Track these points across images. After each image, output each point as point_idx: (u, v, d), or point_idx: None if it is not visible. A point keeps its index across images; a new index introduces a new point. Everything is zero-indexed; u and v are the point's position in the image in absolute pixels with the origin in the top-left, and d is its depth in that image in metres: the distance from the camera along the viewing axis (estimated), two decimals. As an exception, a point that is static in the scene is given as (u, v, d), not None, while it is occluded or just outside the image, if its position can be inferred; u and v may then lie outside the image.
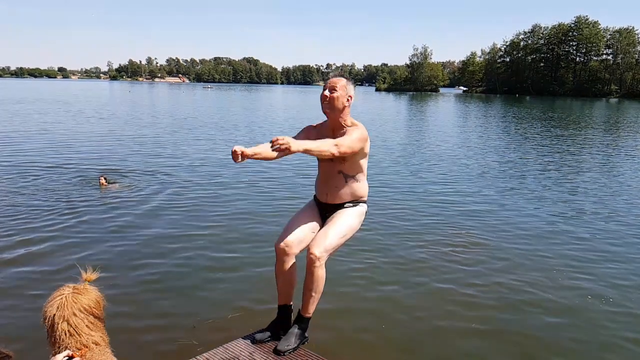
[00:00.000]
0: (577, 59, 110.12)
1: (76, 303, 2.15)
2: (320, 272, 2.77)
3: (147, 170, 11.86)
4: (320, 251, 2.81)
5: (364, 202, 3.13)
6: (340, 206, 3.14)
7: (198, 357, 3.68)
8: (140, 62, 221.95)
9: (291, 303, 3.10)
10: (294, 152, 2.47)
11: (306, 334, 2.99)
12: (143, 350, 4.14)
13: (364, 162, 3.08)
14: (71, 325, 2.10)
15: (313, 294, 2.75)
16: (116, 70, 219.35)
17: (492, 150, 17.83)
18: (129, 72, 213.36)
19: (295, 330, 3.00)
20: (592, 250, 6.86)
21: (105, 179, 10.02)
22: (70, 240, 6.66)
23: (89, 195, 9.23)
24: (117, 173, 11.39)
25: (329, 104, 2.89)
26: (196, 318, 4.66)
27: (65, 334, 2.10)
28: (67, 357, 2.04)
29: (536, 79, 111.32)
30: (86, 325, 2.14)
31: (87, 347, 2.13)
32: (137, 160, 13.28)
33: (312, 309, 2.79)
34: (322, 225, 3.12)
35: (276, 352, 2.75)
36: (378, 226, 7.78)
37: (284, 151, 2.43)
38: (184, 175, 11.43)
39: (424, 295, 5.28)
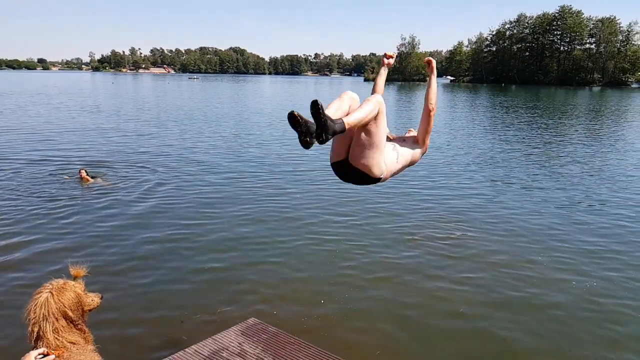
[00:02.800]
0: (562, 48, 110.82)
1: (49, 307, 2.16)
2: (372, 107, 2.46)
3: (132, 164, 11.72)
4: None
5: None
6: None
7: (187, 349, 3.68)
8: (124, 52, 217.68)
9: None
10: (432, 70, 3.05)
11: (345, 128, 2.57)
12: (131, 347, 4.14)
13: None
14: (41, 329, 2.13)
15: (361, 114, 2.44)
16: (98, 61, 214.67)
17: (479, 141, 17.96)
18: (111, 63, 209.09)
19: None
20: (577, 241, 6.98)
21: (86, 171, 9.83)
22: (55, 240, 6.58)
23: (72, 190, 9.11)
24: (100, 167, 11.24)
25: None
26: (184, 313, 4.65)
27: (37, 336, 2.13)
28: (41, 355, 2.06)
29: (521, 68, 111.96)
30: (55, 329, 2.15)
31: (63, 347, 2.13)
32: (120, 154, 13.11)
33: (353, 120, 2.45)
34: None
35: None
36: (369, 221, 7.81)
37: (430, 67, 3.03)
38: (170, 170, 11.32)
39: (416, 292, 5.29)
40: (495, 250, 6.44)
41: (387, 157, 2.77)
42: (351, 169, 2.66)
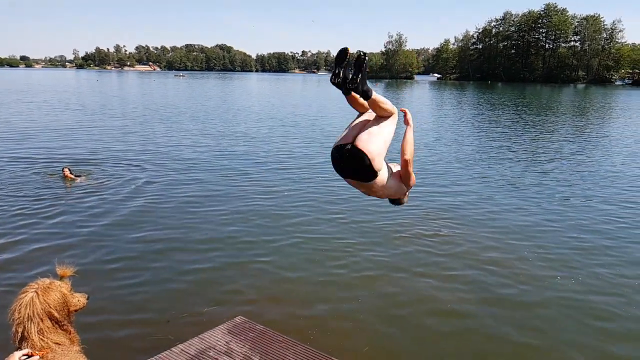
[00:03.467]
0: (547, 45, 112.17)
1: (34, 307, 2.11)
2: (392, 105, 2.70)
3: (117, 163, 11.57)
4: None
5: None
6: None
7: (173, 348, 3.64)
8: (108, 50, 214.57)
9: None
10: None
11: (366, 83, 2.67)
12: (117, 347, 4.08)
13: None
14: (26, 330, 2.09)
15: (384, 99, 2.66)
16: (82, 58, 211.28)
17: (466, 138, 18.10)
18: (96, 60, 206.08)
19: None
20: (564, 237, 7.05)
21: (69, 170, 9.68)
22: (40, 240, 6.45)
23: (56, 190, 8.95)
24: (85, 165, 11.07)
25: None
26: (171, 313, 4.60)
27: (22, 337, 2.09)
28: (25, 356, 2.03)
29: (507, 65, 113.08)
30: (40, 330, 2.11)
31: (48, 348, 2.09)
32: (106, 153, 12.92)
33: (378, 97, 2.64)
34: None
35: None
36: (357, 219, 7.81)
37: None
38: (157, 168, 11.19)
39: (404, 290, 5.28)
40: (483, 247, 6.47)
41: (384, 169, 2.78)
42: (355, 153, 2.63)
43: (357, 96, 2.72)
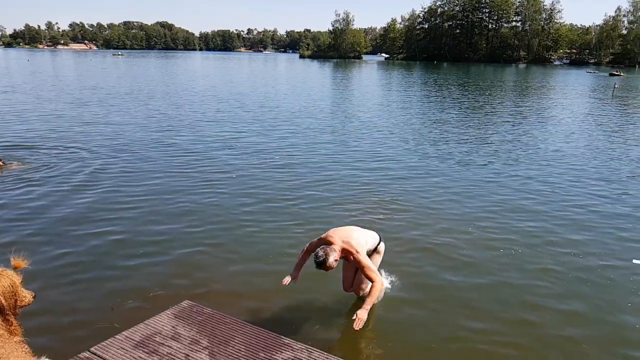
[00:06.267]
0: (490, 25, 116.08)
1: None
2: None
3: (53, 148, 10.93)
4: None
5: None
6: None
7: (117, 335, 3.55)
8: (39, 27, 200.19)
9: None
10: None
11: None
12: (58, 338, 3.92)
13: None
14: None
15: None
16: (11, 36, 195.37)
17: (414, 118, 18.50)
18: (26, 38, 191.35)
19: None
20: (506, 209, 7.40)
21: None
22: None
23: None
24: (18, 150, 10.39)
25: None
26: (115, 300, 4.46)
27: None
28: None
29: (453, 45, 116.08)
30: None
31: None
32: (40, 138, 12.16)
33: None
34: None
35: None
36: (305, 196, 7.84)
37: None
38: (95, 152, 10.69)
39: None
40: (432, 232, 6.43)
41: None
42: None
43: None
